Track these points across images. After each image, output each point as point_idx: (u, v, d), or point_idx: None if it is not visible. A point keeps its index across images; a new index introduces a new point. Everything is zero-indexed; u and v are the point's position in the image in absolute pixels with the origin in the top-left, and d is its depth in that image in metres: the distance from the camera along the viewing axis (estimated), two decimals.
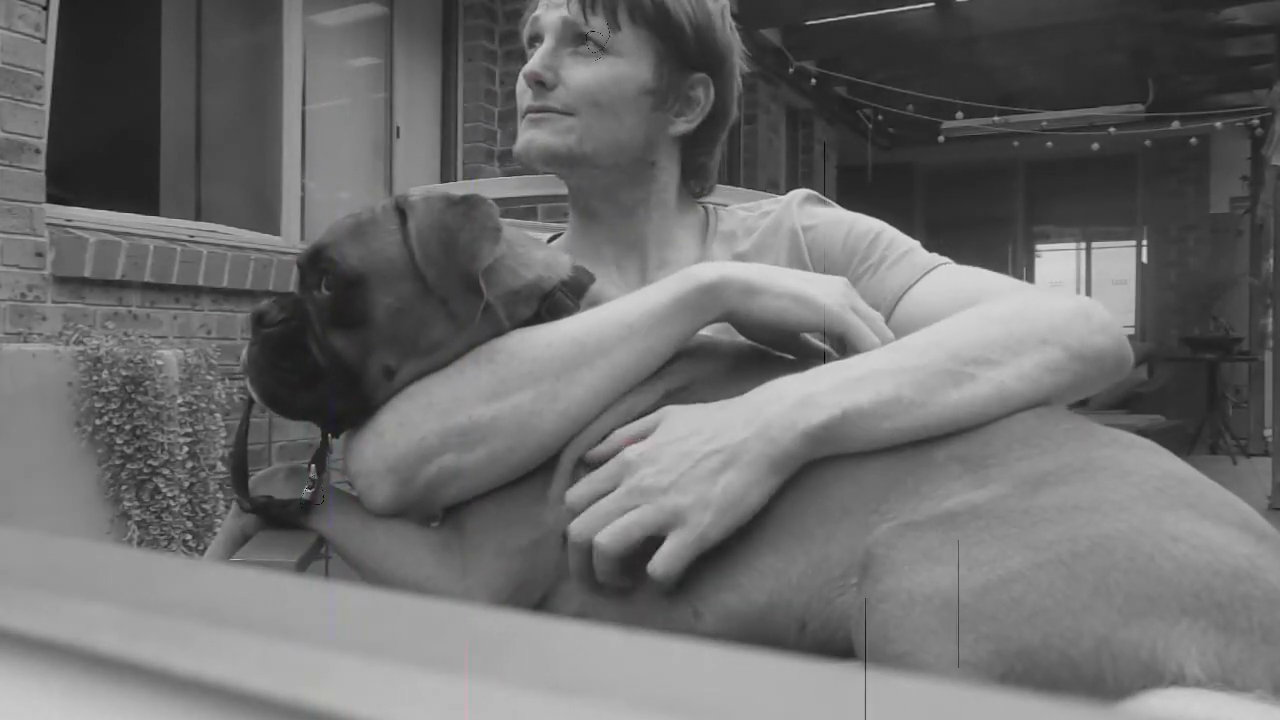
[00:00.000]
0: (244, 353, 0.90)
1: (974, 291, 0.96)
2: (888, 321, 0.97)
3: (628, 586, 0.78)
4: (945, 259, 1.06)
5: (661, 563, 0.75)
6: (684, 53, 1.08)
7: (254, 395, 0.90)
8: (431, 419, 0.85)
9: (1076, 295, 0.93)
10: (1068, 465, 0.70)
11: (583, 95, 1.05)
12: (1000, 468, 0.72)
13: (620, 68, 1.06)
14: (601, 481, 0.79)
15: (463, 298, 0.86)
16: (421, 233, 0.87)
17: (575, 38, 1.05)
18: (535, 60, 1.05)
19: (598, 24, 1.05)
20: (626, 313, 0.87)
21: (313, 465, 0.91)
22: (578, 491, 0.80)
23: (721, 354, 0.91)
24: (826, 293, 0.86)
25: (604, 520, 0.77)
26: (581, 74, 1.05)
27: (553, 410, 0.84)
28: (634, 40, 1.06)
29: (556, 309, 0.92)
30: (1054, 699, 0.20)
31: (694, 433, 0.78)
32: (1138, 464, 0.69)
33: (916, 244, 1.08)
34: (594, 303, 0.94)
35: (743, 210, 1.17)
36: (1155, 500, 0.64)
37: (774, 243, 1.11)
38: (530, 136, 1.06)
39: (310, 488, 0.89)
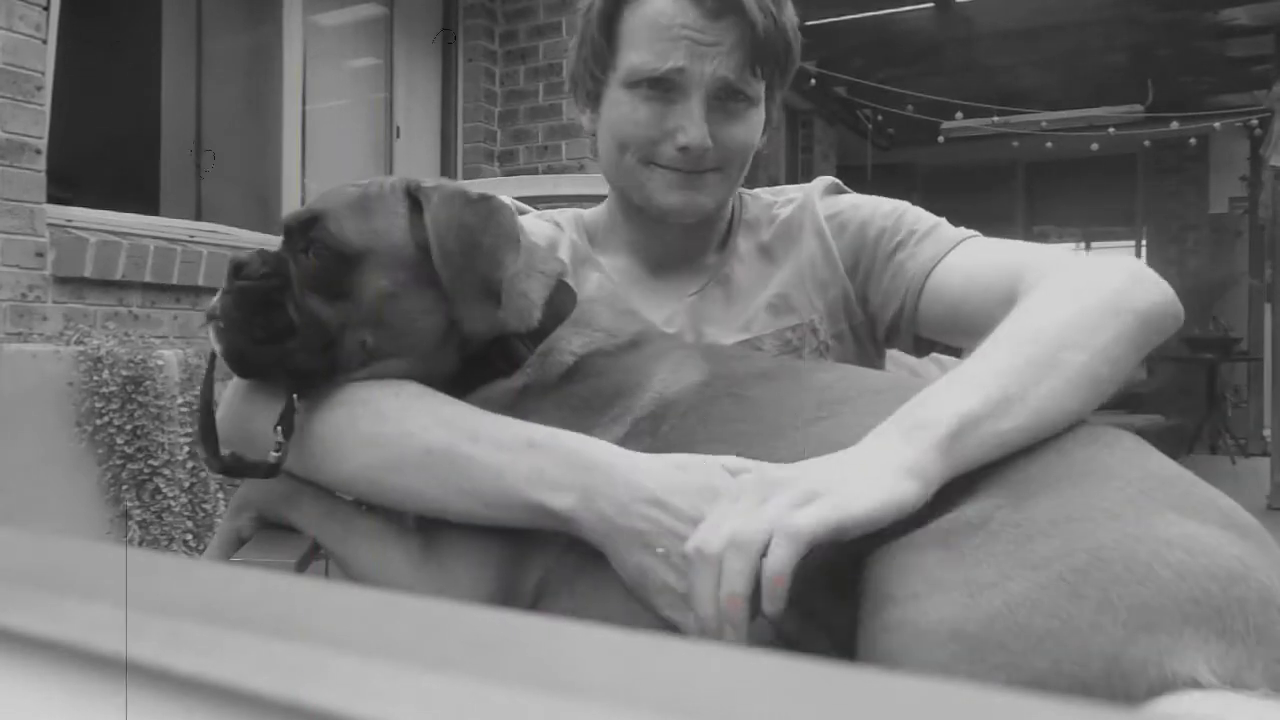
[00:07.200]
0: (214, 301, 0.85)
1: (1007, 259, 0.94)
2: (921, 292, 0.96)
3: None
4: (974, 231, 1.06)
5: (804, 518, 0.63)
6: (785, 84, 1.10)
7: (216, 348, 0.85)
8: (360, 452, 0.83)
9: (1118, 258, 0.91)
10: (1051, 468, 0.69)
11: (734, 153, 1.04)
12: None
13: (758, 117, 1.06)
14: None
15: (477, 305, 0.82)
16: (440, 227, 0.82)
17: (727, 91, 1.01)
18: (699, 128, 1.00)
19: (755, 83, 1.03)
20: (513, 440, 0.80)
21: (279, 428, 0.86)
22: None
23: (692, 378, 0.87)
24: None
25: (743, 528, 0.65)
26: (735, 132, 1.03)
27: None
28: (761, 85, 1.05)
29: (509, 354, 0.88)
30: (1064, 700, 0.20)
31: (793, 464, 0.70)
32: (1121, 465, 0.69)
33: (943, 220, 1.08)
34: (623, 310, 0.93)
35: (769, 195, 1.17)
36: (1142, 505, 0.64)
37: (796, 233, 1.11)
38: (690, 199, 1.04)
39: (277, 451, 0.85)
